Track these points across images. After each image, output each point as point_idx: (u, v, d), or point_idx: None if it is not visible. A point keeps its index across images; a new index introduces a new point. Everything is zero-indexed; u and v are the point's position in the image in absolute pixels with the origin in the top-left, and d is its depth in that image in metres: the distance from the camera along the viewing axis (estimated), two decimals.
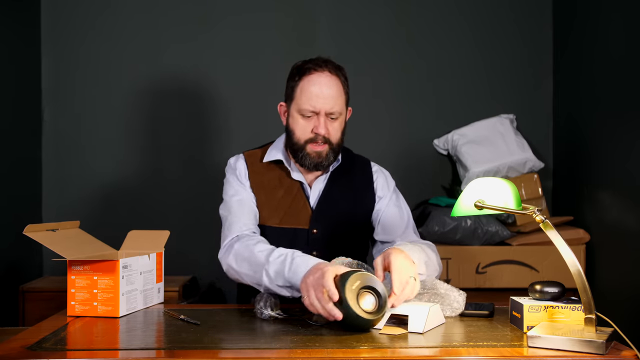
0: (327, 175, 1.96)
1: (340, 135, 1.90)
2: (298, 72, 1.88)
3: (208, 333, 1.49)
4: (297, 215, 1.92)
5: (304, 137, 1.87)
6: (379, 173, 2.04)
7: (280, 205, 1.93)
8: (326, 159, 1.88)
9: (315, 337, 1.43)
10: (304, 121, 1.86)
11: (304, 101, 1.84)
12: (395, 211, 1.99)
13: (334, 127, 1.87)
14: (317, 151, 1.87)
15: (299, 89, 1.86)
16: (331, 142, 1.87)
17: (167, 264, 1.98)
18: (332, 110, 1.85)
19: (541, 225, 1.38)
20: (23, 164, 2.91)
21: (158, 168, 3.11)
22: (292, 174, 1.94)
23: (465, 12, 3.17)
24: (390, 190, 2.02)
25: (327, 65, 1.87)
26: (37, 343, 1.38)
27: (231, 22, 3.12)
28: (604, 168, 2.65)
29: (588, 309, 1.34)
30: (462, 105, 3.16)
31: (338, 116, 1.87)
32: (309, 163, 1.88)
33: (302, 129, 1.87)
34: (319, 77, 1.85)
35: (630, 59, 2.43)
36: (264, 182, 1.95)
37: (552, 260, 2.68)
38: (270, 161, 1.96)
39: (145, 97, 3.10)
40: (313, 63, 1.87)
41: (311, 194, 1.95)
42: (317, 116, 1.85)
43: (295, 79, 1.88)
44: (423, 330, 1.45)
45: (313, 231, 1.91)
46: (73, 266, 1.66)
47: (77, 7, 3.09)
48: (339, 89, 1.88)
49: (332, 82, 1.86)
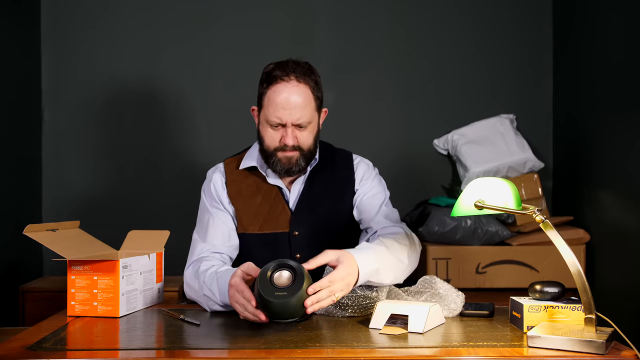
0: (305, 176, 1.94)
1: (312, 141, 1.87)
2: (266, 79, 1.85)
3: (208, 333, 1.50)
4: (277, 219, 1.90)
5: (272, 145, 1.85)
6: (360, 164, 2.00)
7: (259, 211, 1.91)
8: (296, 164, 1.86)
9: (315, 337, 1.43)
10: (272, 130, 1.84)
11: (270, 112, 1.82)
12: (368, 195, 1.95)
13: (304, 135, 1.84)
14: (287, 157, 1.84)
15: (266, 98, 1.83)
16: (302, 149, 1.85)
17: (167, 264, 1.99)
18: (299, 121, 1.81)
19: (541, 225, 1.38)
20: (23, 164, 2.91)
21: (158, 168, 3.10)
22: (269, 179, 1.92)
23: (465, 12, 3.17)
24: (370, 178, 1.98)
25: (294, 72, 1.82)
26: (37, 343, 1.38)
27: (230, 22, 3.12)
28: (604, 168, 2.65)
29: (588, 309, 1.34)
30: (462, 105, 3.16)
31: (307, 124, 1.83)
32: (280, 169, 1.86)
33: (271, 138, 1.85)
34: (285, 87, 1.80)
35: (630, 58, 2.43)
36: (242, 190, 1.93)
37: (552, 260, 2.68)
38: (246, 168, 1.94)
39: (144, 97, 3.10)
40: (281, 70, 1.83)
41: (290, 196, 1.92)
42: (285, 127, 1.82)
43: (264, 86, 1.85)
44: (423, 330, 1.45)
45: (294, 233, 1.89)
46: (73, 266, 1.66)
47: (77, 7, 3.08)
48: (307, 97, 1.82)
49: (299, 91, 1.81)
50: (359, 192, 1.96)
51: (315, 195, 1.93)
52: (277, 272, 1.47)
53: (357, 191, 1.96)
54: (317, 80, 1.87)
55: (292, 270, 1.47)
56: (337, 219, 1.94)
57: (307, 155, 1.87)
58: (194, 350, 1.35)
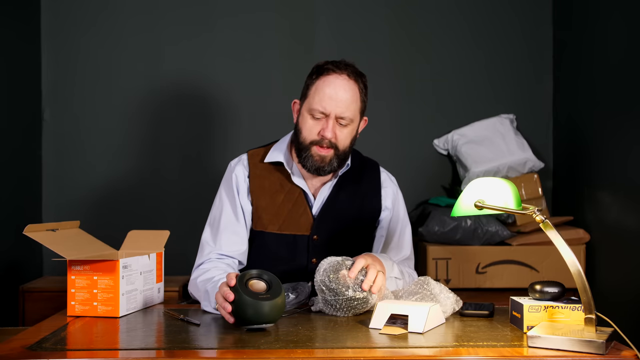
0: (334, 181, 1.91)
1: (348, 142, 1.84)
2: (317, 71, 1.82)
3: (208, 333, 1.50)
4: (297, 221, 1.88)
5: (310, 137, 1.81)
6: (387, 182, 2.00)
7: (280, 211, 1.88)
8: (329, 164, 1.82)
9: (315, 337, 1.43)
10: (313, 122, 1.81)
11: (316, 101, 1.79)
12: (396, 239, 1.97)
13: (343, 132, 1.81)
14: (321, 155, 1.81)
15: (314, 88, 1.80)
16: (337, 148, 1.81)
17: (167, 264, 1.98)
18: (342, 115, 1.78)
19: (541, 225, 1.38)
20: (23, 164, 2.91)
21: (158, 168, 3.10)
22: (293, 178, 1.88)
23: (465, 12, 3.17)
24: (399, 206, 2.00)
25: (347, 68, 1.81)
26: (37, 343, 1.38)
27: (230, 23, 3.11)
28: (604, 168, 2.66)
29: (588, 309, 1.34)
30: (462, 105, 3.16)
31: (349, 122, 1.81)
32: (310, 165, 1.83)
33: (309, 129, 1.81)
34: (336, 79, 1.79)
35: (630, 58, 2.44)
36: (265, 186, 1.90)
37: (552, 260, 2.68)
38: (271, 162, 1.92)
39: (144, 97, 3.10)
40: (333, 64, 1.81)
41: (316, 200, 1.90)
42: (327, 119, 1.79)
43: (313, 78, 1.82)
44: (423, 330, 1.45)
45: (314, 237, 1.88)
46: (73, 266, 1.66)
47: (77, 7, 3.08)
48: (355, 94, 1.80)
49: (349, 87, 1.79)
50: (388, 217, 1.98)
51: (342, 202, 1.91)
52: (252, 280, 1.52)
53: (385, 211, 1.97)
54: (365, 84, 1.85)
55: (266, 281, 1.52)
56: (358, 229, 1.94)
57: (340, 156, 1.84)
58: (194, 350, 1.35)
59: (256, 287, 1.50)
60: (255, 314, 1.45)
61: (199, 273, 1.84)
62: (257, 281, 1.51)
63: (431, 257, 2.71)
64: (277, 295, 1.48)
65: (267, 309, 1.45)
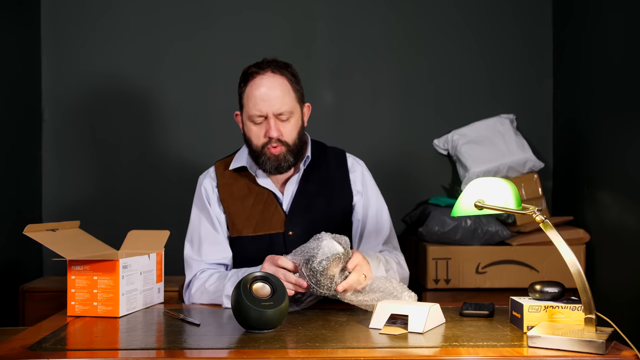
0: (299, 175, 1.93)
1: (295, 135, 1.86)
2: (243, 78, 1.86)
3: (208, 333, 1.50)
4: (270, 220, 1.90)
5: (259, 142, 1.84)
6: (355, 166, 2.00)
7: (251, 214, 1.91)
8: (285, 160, 1.85)
9: (315, 337, 1.43)
10: (256, 127, 1.84)
11: (251, 107, 1.82)
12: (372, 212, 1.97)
13: (287, 127, 1.84)
14: (274, 154, 1.84)
15: (246, 95, 1.84)
16: (287, 143, 1.84)
17: (167, 264, 1.99)
18: (280, 111, 1.81)
19: (541, 225, 1.38)
20: (23, 164, 2.91)
21: (158, 168, 3.10)
22: (258, 180, 1.91)
23: (465, 12, 3.17)
24: (369, 188, 1.99)
25: (269, 65, 1.84)
26: (37, 343, 1.38)
27: (230, 22, 3.12)
28: (604, 168, 2.66)
29: (588, 309, 1.34)
30: (462, 105, 3.16)
31: (289, 115, 1.83)
32: (269, 167, 1.86)
33: (256, 135, 1.84)
34: (262, 79, 1.82)
35: (630, 58, 2.44)
36: (234, 192, 1.93)
37: (552, 260, 2.68)
38: (236, 169, 1.94)
39: (144, 97, 3.10)
40: (256, 66, 1.84)
41: (284, 196, 1.92)
42: (267, 120, 1.82)
43: (242, 86, 1.86)
44: (423, 330, 1.45)
45: (289, 234, 1.89)
46: (73, 266, 1.66)
47: (77, 8, 3.08)
48: (284, 87, 1.83)
49: (276, 82, 1.82)
50: (360, 201, 1.97)
51: (310, 194, 1.92)
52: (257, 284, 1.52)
53: (357, 195, 1.97)
54: (294, 73, 1.88)
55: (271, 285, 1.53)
56: (332, 218, 1.94)
57: (293, 150, 1.86)
58: (194, 350, 1.35)
59: (260, 292, 1.50)
60: (259, 320, 1.46)
61: (202, 281, 1.87)
62: (262, 285, 1.52)
63: (431, 257, 2.71)
64: (281, 302, 1.48)
65: (270, 316, 1.46)
